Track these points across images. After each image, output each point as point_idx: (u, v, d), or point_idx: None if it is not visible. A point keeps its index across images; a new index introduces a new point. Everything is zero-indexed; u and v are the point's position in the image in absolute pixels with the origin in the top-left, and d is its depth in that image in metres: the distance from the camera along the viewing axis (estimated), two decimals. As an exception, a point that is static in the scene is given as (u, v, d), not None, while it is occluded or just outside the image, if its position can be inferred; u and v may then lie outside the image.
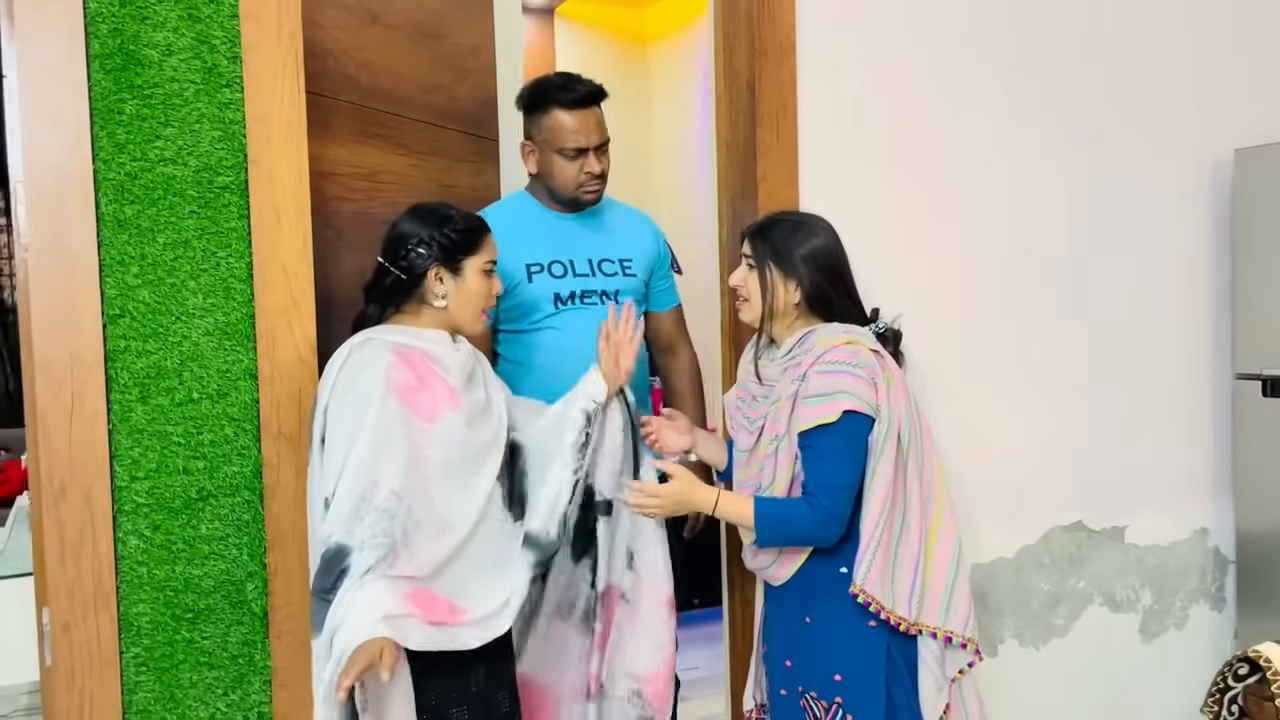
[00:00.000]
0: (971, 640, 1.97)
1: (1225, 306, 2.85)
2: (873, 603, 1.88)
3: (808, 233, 1.98)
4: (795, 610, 2.00)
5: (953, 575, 1.97)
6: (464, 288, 1.86)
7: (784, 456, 1.93)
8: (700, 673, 3.70)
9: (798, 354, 1.95)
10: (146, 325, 1.85)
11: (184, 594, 1.89)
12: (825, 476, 1.88)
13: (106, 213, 1.83)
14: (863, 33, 2.42)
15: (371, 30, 2.27)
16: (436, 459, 1.77)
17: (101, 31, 1.81)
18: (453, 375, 1.84)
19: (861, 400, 1.87)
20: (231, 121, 1.89)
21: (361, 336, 1.81)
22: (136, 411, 1.85)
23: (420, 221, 1.85)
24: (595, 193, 2.27)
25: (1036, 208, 2.63)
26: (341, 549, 1.67)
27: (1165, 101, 2.77)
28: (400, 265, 1.83)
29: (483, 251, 1.88)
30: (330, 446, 1.73)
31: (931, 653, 1.95)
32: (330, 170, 2.12)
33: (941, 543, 1.97)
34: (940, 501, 1.98)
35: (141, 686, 1.87)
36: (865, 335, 1.96)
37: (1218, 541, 2.88)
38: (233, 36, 1.88)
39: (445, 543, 1.76)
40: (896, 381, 1.94)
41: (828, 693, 1.94)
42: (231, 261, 1.90)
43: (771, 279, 1.97)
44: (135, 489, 1.85)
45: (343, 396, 1.75)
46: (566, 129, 2.21)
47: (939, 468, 2.00)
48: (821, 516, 1.87)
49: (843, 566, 1.93)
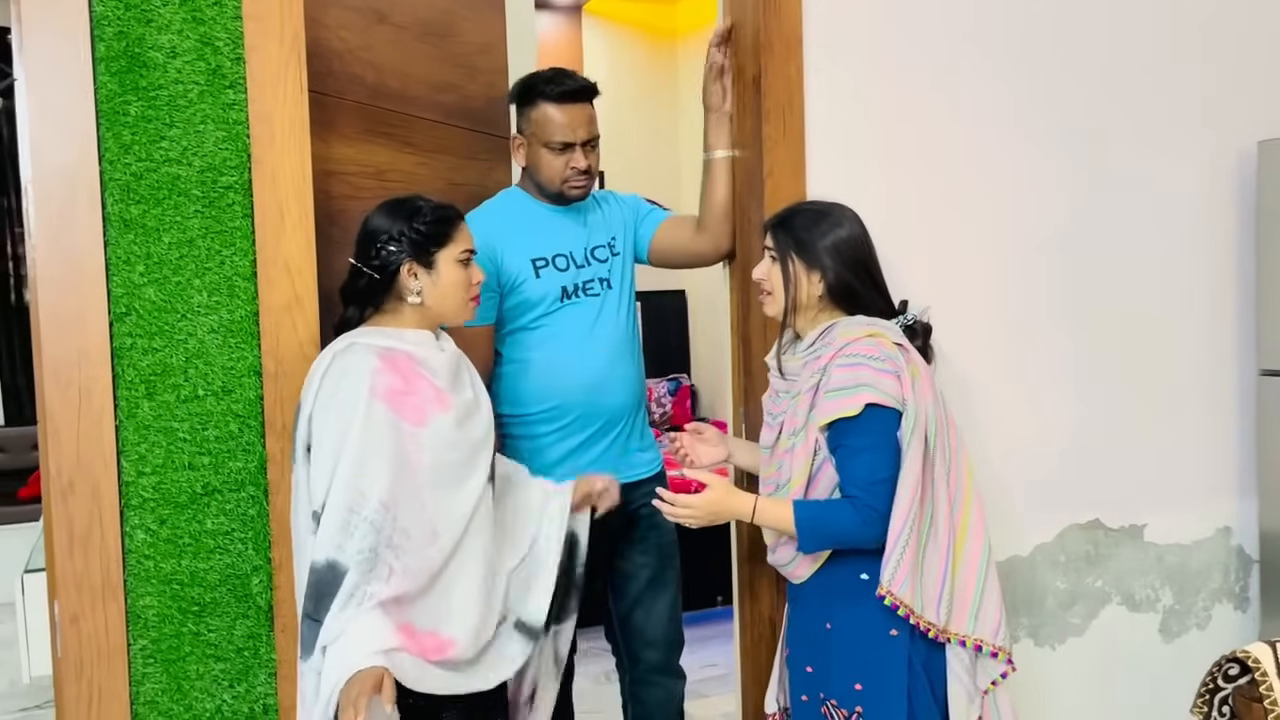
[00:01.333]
0: (1003, 650, 1.90)
1: (1250, 301, 2.80)
2: (900, 606, 1.81)
3: (831, 222, 1.94)
4: (816, 615, 1.95)
5: (982, 578, 1.90)
6: (440, 281, 1.84)
7: (800, 451, 1.89)
8: (719, 670, 3.70)
9: (819, 347, 1.91)
10: (152, 323, 1.89)
11: (190, 587, 1.92)
12: (864, 473, 1.83)
13: (113, 213, 1.86)
14: (870, 27, 2.39)
15: (379, 30, 2.29)
16: (428, 463, 1.75)
17: (107, 34, 1.85)
18: (439, 377, 1.82)
19: (885, 394, 1.82)
20: (235, 122, 1.92)
21: (344, 341, 1.79)
22: (143, 408, 1.89)
23: (389, 217, 1.83)
24: (581, 188, 2.28)
25: (1051, 202, 2.60)
26: (332, 565, 1.66)
27: (1188, 94, 2.72)
28: (373, 265, 1.82)
29: (456, 241, 1.85)
30: (316, 457, 1.72)
31: (961, 662, 1.89)
32: (336, 169, 2.14)
33: (970, 543, 1.91)
34: (969, 500, 1.92)
35: (149, 677, 1.90)
36: (889, 328, 1.91)
37: (1241, 540, 2.83)
38: (236, 38, 1.91)
39: (436, 550, 1.75)
40: (922, 375, 1.88)
41: (848, 701, 1.88)
42: (235, 260, 1.93)
43: (794, 271, 1.92)
44: (142, 484, 1.89)
45: (327, 405, 1.73)
46: (554, 123, 2.22)
47: (967, 465, 1.94)
48: (865, 515, 1.82)
49: (863, 573, 1.88)
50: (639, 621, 2.41)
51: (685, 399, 5.83)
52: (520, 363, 2.29)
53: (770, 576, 2.40)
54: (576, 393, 2.27)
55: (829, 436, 1.86)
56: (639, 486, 2.36)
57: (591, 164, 2.27)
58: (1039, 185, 2.58)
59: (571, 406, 2.27)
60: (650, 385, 5.52)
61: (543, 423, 2.29)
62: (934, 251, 2.48)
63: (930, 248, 2.48)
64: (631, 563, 2.39)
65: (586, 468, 2.29)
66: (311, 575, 1.68)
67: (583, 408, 2.27)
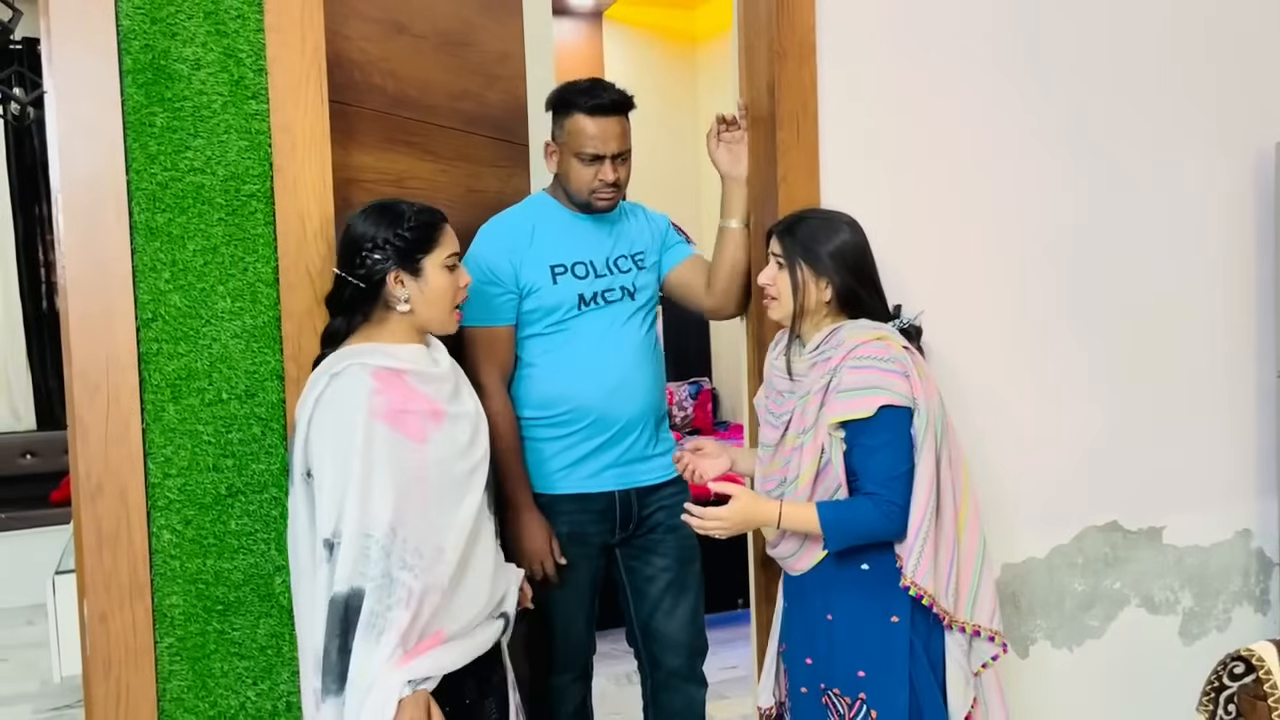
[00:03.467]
0: (998, 633, 1.98)
1: (1268, 302, 2.79)
2: (925, 596, 1.89)
3: (835, 230, 2.00)
4: (816, 607, 2.01)
5: (979, 567, 1.99)
6: (427, 288, 1.82)
7: (809, 449, 1.95)
8: (740, 671, 3.71)
9: (826, 349, 1.97)
10: (178, 328, 1.93)
11: (215, 587, 1.96)
12: (883, 469, 1.90)
13: (139, 221, 1.91)
14: (883, 33, 2.41)
15: (398, 40, 2.33)
16: (432, 479, 1.76)
17: (133, 48, 1.90)
18: (433, 390, 1.82)
19: (897, 394, 1.89)
20: (258, 132, 1.96)
21: (341, 364, 1.77)
22: (169, 411, 1.93)
23: (372, 223, 1.80)
24: (609, 200, 2.31)
25: (1067, 205, 2.60)
26: (356, 593, 1.66)
27: (1204, 96, 2.72)
28: (358, 274, 1.79)
29: (442, 246, 1.83)
30: (323, 485, 1.71)
31: (959, 646, 1.97)
32: (357, 177, 2.18)
33: (968, 535, 1.99)
34: (966, 493, 2.00)
35: (175, 675, 1.95)
36: (892, 331, 1.98)
37: (1261, 543, 2.82)
38: (258, 50, 1.95)
39: (444, 567, 1.76)
40: (927, 375, 1.96)
41: (851, 689, 1.95)
42: (258, 266, 1.97)
43: (802, 277, 1.98)
44: (168, 485, 1.93)
45: (325, 430, 1.72)
46: (585, 134, 2.25)
47: (963, 461, 2.01)
48: (886, 510, 1.89)
49: (864, 563, 1.95)
50: (659, 626, 2.42)
51: (706, 402, 5.85)
52: (538, 367, 2.31)
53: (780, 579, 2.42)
54: (591, 398, 2.29)
55: (846, 437, 1.91)
56: (655, 491, 2.38)
57: (620, 177, 2.29)
58: (1054, 188, 2.59)
59: (586, 412, 2.29)
60: (671, 389, 5.55)
61: (559, 426, 2.31)
62: (948, 255, 2.49)
63: (944, 251, 2.49)
64: (650, 567, 2.41)
65: (601, 472, 2.32)
66: (333, 609, 1.68)
67: (597, 414, 2.29)
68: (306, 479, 1.76)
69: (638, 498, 2.35)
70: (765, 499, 1.98)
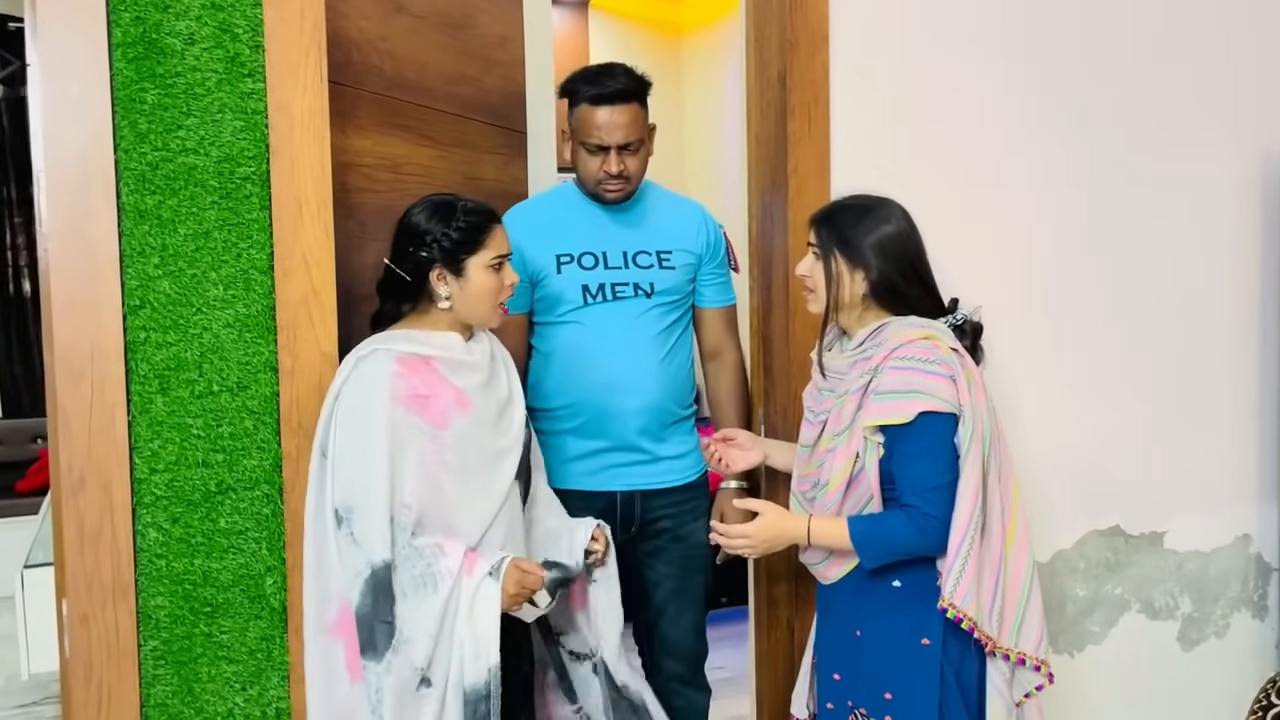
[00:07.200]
0: (1044, 662, 1.86)
1: (1273, 307, 2.77)
2: (964, 619, 1.76)
3: (877, 219, 1.87)
4: (846, 623, 1.91)
5: (1026, 590, 1.85)
6: (468, 288, 1.84)
7: (842, 452, 1.84)
8: (726, 672, 3.64)
9: (869, 347, 1.85)
10: (167, 316, 1.84)
11: (202, 587, 1.87)
12: (921, 479, 1.77)
13: (127, 203, 1.81)
14: (897, 24, 2.36)
15: (397, 19, 2.25)
16: (451, 463, 1.76)
17: (124, 20, 1.80)
18: (462, 379, 1.82)
19: (940, 399, 1.76)
20: (253, 111, 1.87)
21: (368, 347, 1.81)
22: (156, 403, 1.84)
23: (424, 218, 1.84)
24: (616, 192, 2.23)
25: (1077, 204, 2.56)
26: (388, 564, 1.71)
27: (1219, 96, 2.68)
28: (404, 267, 1.83)
29: (489, 248, 1.84)
30: (342, 461, 1.75)
31: (1001, 675, 1.84)
32: (353, 161, 2.10)
33: (1016, 553, 1.85)
34: (1016, 508, 1.87)
35: (160, 680, 1.86)
36: (943, 331, 1.85)
37: (1260, 548, 2.80)
38: (255, 25, 1.86)
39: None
40: (976, 381, 1.82)
41: (877, 711, 1.85)
42: (252, 253, 1.88)
43: (837, 268, 1.86)
44: (154, 481, 1.84)
45: (349, 412, 1.76)
46: (588, 124, 2.18)
47: (1013, 475, 1.89)
48: (922, 524, 1.77)
49: (896, 580, 1.84)
50: (662, 631, 2.37)
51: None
52: (544, 355, 2.27)
53: (787, 580, 2.37)
54: (587, 394, 2.23)
55: (885, 443, 1.80)
56: (662, 495, 2.31)
57: (626, 168, 2.20)
58: (1065, 187, 2.55)
59: (585, 406, 2.23)
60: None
61: (559, 420, 2.26)
62: (957, 252, 2.43)
63: (953, 248, 2.42)
64: (655, 571, 2.35)
65: (601, 471, 2.26)
66: (364, 585, 1.72)
67: (596, 409, 2.23)
68: (323, 457, 1.78)
69: (641, 500, 2.28)
70: (793, 515, 1.88)
